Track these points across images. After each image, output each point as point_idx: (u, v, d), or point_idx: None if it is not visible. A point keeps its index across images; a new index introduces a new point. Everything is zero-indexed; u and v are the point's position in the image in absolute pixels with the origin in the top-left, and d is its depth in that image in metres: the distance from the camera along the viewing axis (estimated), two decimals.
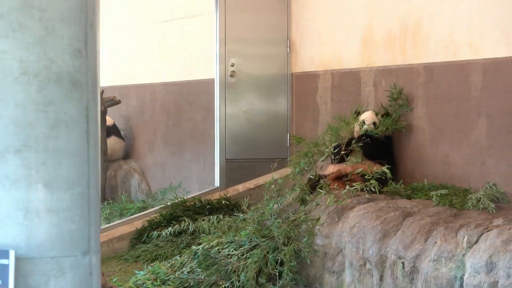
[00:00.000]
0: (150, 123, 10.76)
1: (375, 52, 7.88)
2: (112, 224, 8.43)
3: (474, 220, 5.67)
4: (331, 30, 8.47)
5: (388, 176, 6.84)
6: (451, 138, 7.02)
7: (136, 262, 7.64)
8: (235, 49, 8.97)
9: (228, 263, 6.49)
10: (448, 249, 5.38)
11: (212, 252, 6.58)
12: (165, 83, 10.50)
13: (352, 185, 6.74)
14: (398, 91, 7.45)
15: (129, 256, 7.84)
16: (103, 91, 9.75)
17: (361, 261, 6.07)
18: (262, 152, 9.03)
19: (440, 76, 7.13)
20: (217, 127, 8.96)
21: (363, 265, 6.05)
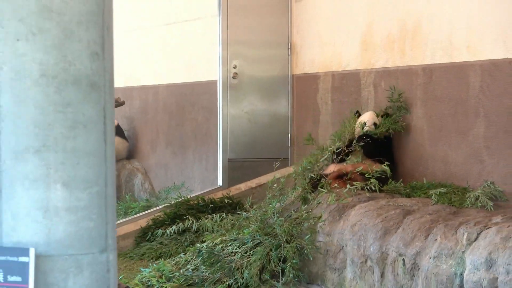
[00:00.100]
0: (153, 124, 10.72)
1: (374, 53, 7.86)
2: (117, 222, 8.41)
3: (473, 217, 5.66)
4: (331, 33, 8.45)
5: (388, 174, 6.87)
6: (449, 138, 7.01)
7: (141, 259, 7.65)
8: (237, 51, 8.96)
9: (232, 260, 6.49)
10: (448, 246, 5.37)
11: (216, 249, 6.58)
12: (168, 84, 10.46)
13: (352, 184, 6.76)
14: (397, 94, 7.42)
15: (134, 254, 7.84)
16: None
17: (362, 258, 6.07)
18: (264, 152, 9.03)
19: (438, 77, 7.12)
20: (219, 128, 8.96)
21: (364, 262, 6.05)
